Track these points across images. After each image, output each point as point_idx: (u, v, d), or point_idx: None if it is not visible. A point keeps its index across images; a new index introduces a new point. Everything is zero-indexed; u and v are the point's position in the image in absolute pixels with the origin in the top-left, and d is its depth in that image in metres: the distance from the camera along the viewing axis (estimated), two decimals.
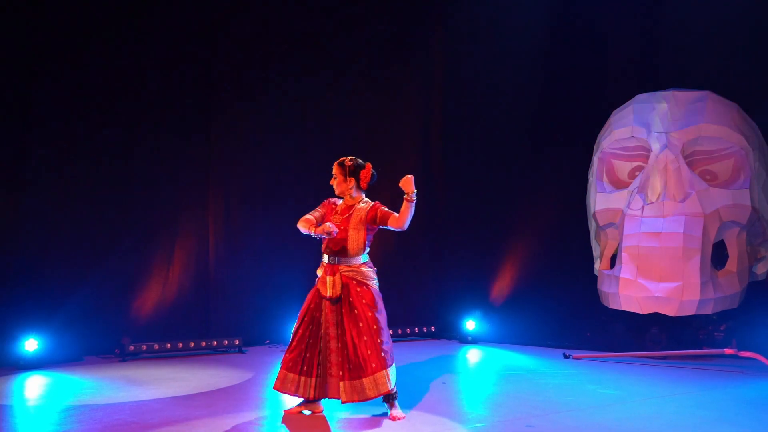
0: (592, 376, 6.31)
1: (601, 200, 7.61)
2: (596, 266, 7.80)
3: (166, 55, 7.38)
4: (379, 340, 4.74)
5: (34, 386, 5.87)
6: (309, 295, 4.94)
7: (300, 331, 4.88)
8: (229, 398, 5.41)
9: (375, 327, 4.74)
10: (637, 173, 7.42)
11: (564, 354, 7.18)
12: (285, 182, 7.88)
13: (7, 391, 5.63)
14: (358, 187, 4.92)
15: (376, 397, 4.73)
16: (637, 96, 7.73)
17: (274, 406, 5.21)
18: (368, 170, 4.91)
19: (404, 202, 4.69)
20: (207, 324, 7.48)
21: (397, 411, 4.82)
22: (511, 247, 8.42)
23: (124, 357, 6.85)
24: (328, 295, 4.81)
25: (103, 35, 7.08)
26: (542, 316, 7.93)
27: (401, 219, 4.72)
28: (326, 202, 5.05)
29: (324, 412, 4.91)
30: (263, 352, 7.37)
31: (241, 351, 7.30)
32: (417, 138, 8.83)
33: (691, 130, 7.17)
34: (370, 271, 4.90)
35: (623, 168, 7.61)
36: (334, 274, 4.81)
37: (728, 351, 6.64)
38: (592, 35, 8.30)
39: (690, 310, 6.84)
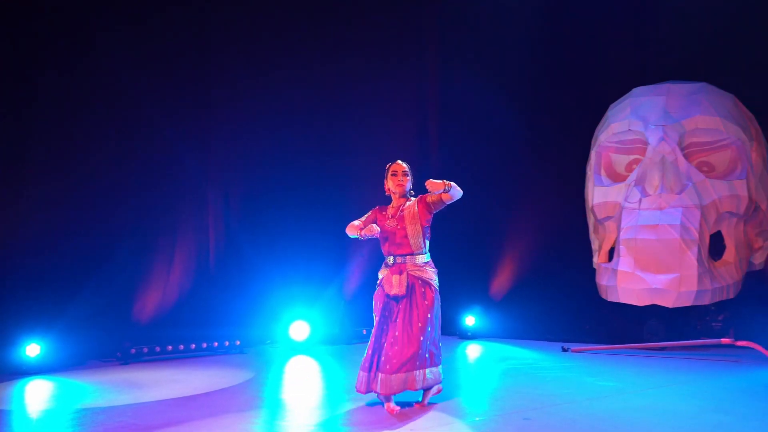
0: (591, 368, 6.35)
1: (599, 194, 7.64)
2: (595, 259, 7.83)
3: (161, 56, 7.41)
4: (427, 343, 4.93)
5: (35, 391, 5.92)
6: (377, 300, 5.11)
7: (375, 333, 5.02)
8: (230, 399, 5.45)
9: (428, 328, 4.95)
10: (634, 166, 7.44)
11: (563, 347, 7.21)
12: (285, 179, 7.92)
13: (9, 397, 5.69)
14: (410, 188, 5.18)
15: (416, 389, 4.91)
16: (633, 89, 7.76)
17: (274, 407, 5.26)
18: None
19: (445, 195, 4.89)
20: (208, 325, 7.51)
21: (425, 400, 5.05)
22: (510, 242, 8.44)
23: (126, 360, 6.90)
24: (392, 293, 4.97)
25: (100, 38, 7.13)
26: (542, 310, 7.95)
27: (449, 194, 4.89)
28: (375, 208, 5.23)
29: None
30: (264, 353, 7.41)
31: (242, 351, 7.34)
32: (413, 135, 8.84)
33: (687, 123, 7.20)
34: (433, 272, 5.11)
35: (621, 161, 7.64)
36: (400, 273, 4.99)
37: (725, 341, 6.67)
38: (587, 30, 8.32)
39: (687, 301, 6.87)
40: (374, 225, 4.97)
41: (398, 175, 5.15)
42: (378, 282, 5.14)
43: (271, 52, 7.91)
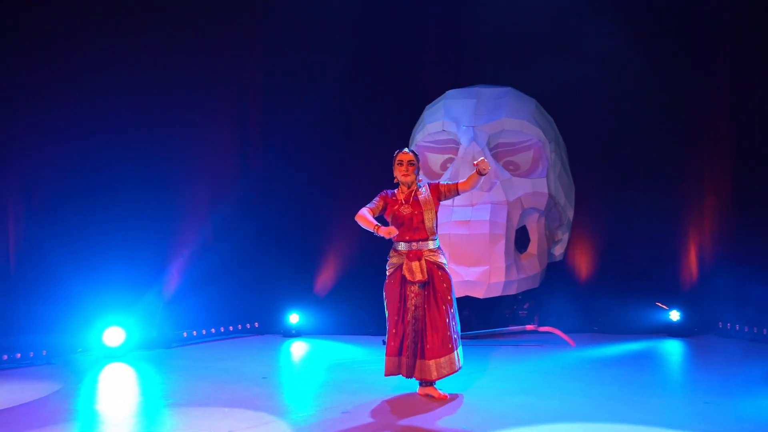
0: None
1: None
2: None
3: None
4: (453, 323, 5.18)
5: None
6: (392, 287, 5.25)
7: (395, 319, 5.23)
8: (35, 413, 5.09)
9: (452, 310, 5.19)
10: (448, 165, 7.81)
11: (383, 341, 7.37)
12: (99, 182, 7.49)
13: None
14: (417, 176, 5.34)
15: (447, 375, 5.17)
16: (447, 92, 8.15)
17: (87, 418, 4.99)
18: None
19: (476, 174, 5.06)
20: (8, 335, 6.93)
21: (437, 392, 5.22)
22: (332, 239, 8.56)
23: None
24: (416, 279, 5.14)
25: None
26: (364, 305, 8.09)
27: (468, 185, 5.17)
28: (384, 194, 5.34)
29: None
30: (75, 362, 6.96)
31: (49, 362, 6.86)
32: (235, 135, 8.70)
33: (495, 124, 7.67)
34: (444, 256, 5.32)
35: (436, 160, 7.98)
36: (419, 259, 5.15)
37: (529, 327, 7.22)
38: (407, 35, 8.63)
39: (497, 292, 7.32)
40: (393, 228, 5.06)
41: (404, 165, 5.28)
42: (391, 270, 5.26)
43: (81, 53, 7.43)
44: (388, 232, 5.03)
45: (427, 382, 5.21)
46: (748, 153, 7.55)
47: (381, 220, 5.42)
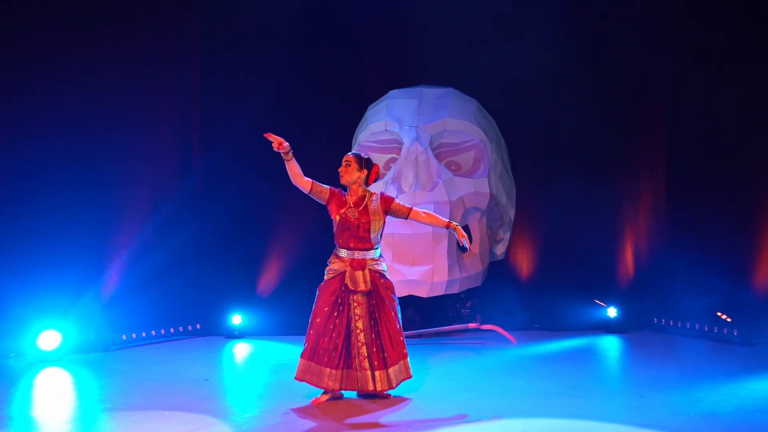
0: None
1: None
2: None
3: None
4: (400, 331, 5.16)
5: None
6: (328, 290, 5.14)
7: (322, 323, 5.09)
8: None
9: (399, 316, 5.19)
10: (391, 165, 7.85)
11: None
12: (30, 179, 7.27)
13: None
14: (365, 181, 5.22)
15: (398, 385, 5.12)
16: (390, 92, 8.18)
17: (21, 425, 4.84)
18: (377, 170, 5.28)
19: (446, 224, 5.20)
20: None
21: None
22: (274, 240, 8.51)
23: None
24: (360, 289, 5.08)
25: None
26: (307, 305, 8.04)
27: (426, 219, 5.24)
28: (333, 188, 5.26)
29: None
30: (7, 367, 6.72)
31: None
32: (177, 135, 8.56)
33: (437, 125, 7.74)
34: (384, 263, 5.29)
35: (379, 160, 8.00)
36: (363, 269, 5.09)
37: (472, 325, 7.31)
38: (349, 34, 8.64)
39: (440, 291, 7.39)
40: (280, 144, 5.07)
41: (342, 165, 5.24)
42: (330, 275, 5.16)
43: (15, 51, 7.20)
44: (279, 143, 5.12)
45: None
46: (680, 151, 7.80)
47: (326, 217, 5.41)
